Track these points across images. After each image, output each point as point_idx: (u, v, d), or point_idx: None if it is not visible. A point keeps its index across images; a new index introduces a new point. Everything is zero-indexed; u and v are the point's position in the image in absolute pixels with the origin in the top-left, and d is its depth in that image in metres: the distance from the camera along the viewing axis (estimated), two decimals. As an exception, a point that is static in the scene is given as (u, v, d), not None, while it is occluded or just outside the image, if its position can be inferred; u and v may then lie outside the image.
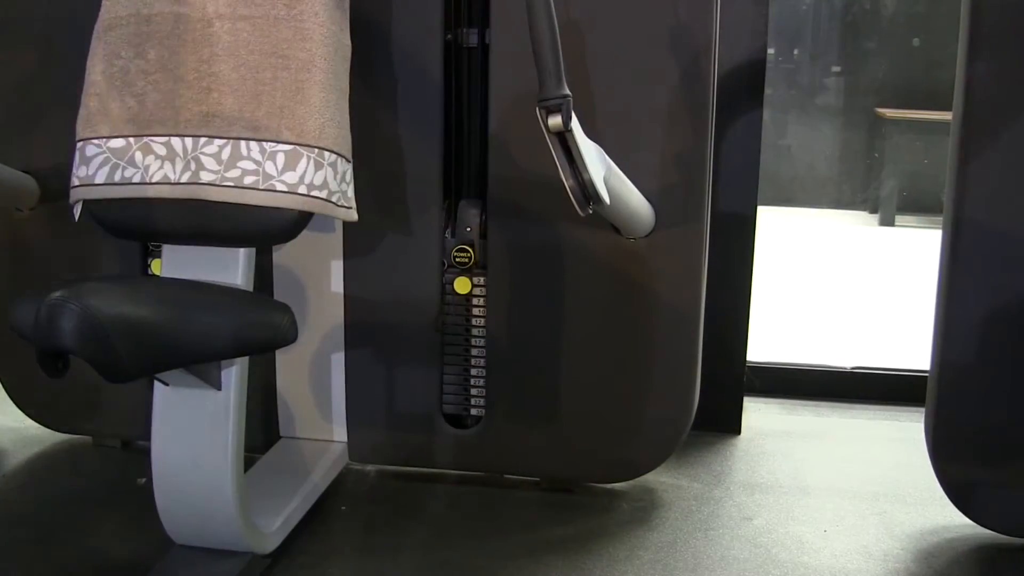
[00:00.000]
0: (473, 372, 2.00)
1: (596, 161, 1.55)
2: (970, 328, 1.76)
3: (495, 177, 1.91)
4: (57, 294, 1.35)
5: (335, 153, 1.55)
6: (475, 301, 1.97)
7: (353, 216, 1.62)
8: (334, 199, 1.56)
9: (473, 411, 2.02)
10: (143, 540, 1.76)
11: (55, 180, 1.94)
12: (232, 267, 1.61)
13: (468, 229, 1.95)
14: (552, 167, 1.52)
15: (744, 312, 2.34)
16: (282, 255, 2.02)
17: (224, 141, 1.54)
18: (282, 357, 2.06)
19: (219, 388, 1.59)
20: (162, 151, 1.56)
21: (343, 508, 1.96)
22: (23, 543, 1.79)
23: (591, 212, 1.57)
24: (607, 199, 1.56)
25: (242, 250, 1.63)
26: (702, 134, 1.86)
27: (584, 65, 1.82)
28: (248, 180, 1.53)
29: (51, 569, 1.57)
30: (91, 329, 1.34)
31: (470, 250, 1.94)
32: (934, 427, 1.83)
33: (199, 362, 1.53)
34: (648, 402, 1.96)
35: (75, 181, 1.60)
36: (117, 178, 1.57)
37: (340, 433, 2.07)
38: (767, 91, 2.31)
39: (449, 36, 1.90)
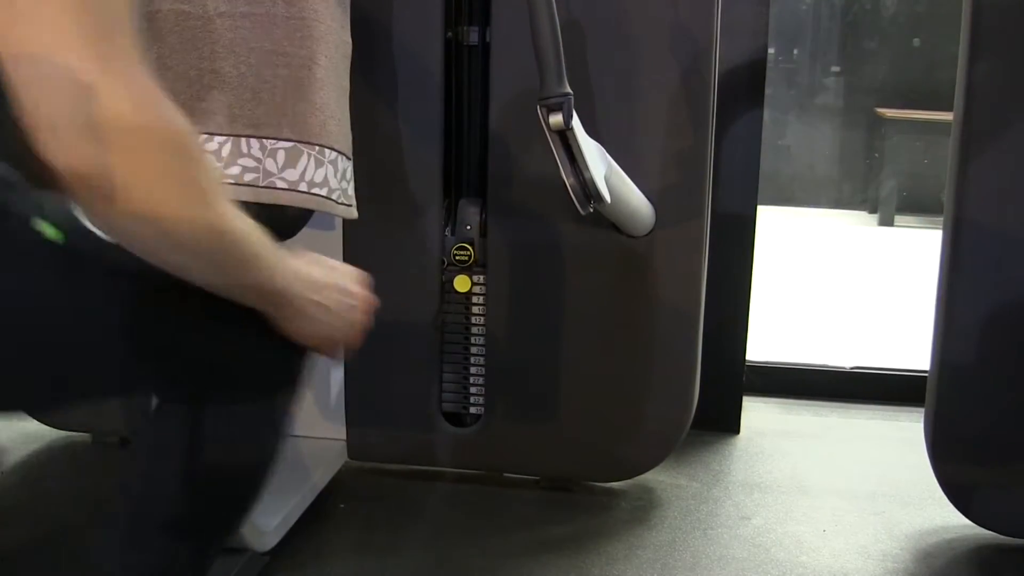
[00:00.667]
0: (472, 370, 2.00)
1: (597, 159, 1.55)
2: (970, 328, 1.76)
3: (495, 175, 1.91)
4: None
5: (336, 151, 1.55)
6: (475, 299, 1.97)
7: (353, 214, 1.62)
8: (334, 197, 1.55)
9: (472, 409, 2.02)
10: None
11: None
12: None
13: (468, 227, 1.94)
14: (553, 165, 1.52)
15: (744, 311, 2.34)
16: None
17: (224, 138, 1.54)
18: (281, 355, 2.06)
19: (218, 385, 1.58)
20: (162, 148, 1.56)
21: (342, 506, 1.96)
22: (22, 540, 1.79)
23: (592, 211, 1.57)
24: (608, 198, 1.56)
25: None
26: (703, 133, 1.86)
27: (585, 64, 1.82)
28: (248, 177, 1.53)
29: (49, 566, 1.57)
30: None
31: (470, 248, 1.94)
32: (933, 427, 1.83)
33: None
34: (647, 401, 1.96)
35: (75, 178, 1.60)
36: (117, 175, 1.57)
37: (339, 431, 2.07)
38: (767, 91, 2.31)
39: (449, 34, 1.90)
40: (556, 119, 1.45)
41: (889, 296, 3.87)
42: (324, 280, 1.09)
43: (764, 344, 2.64)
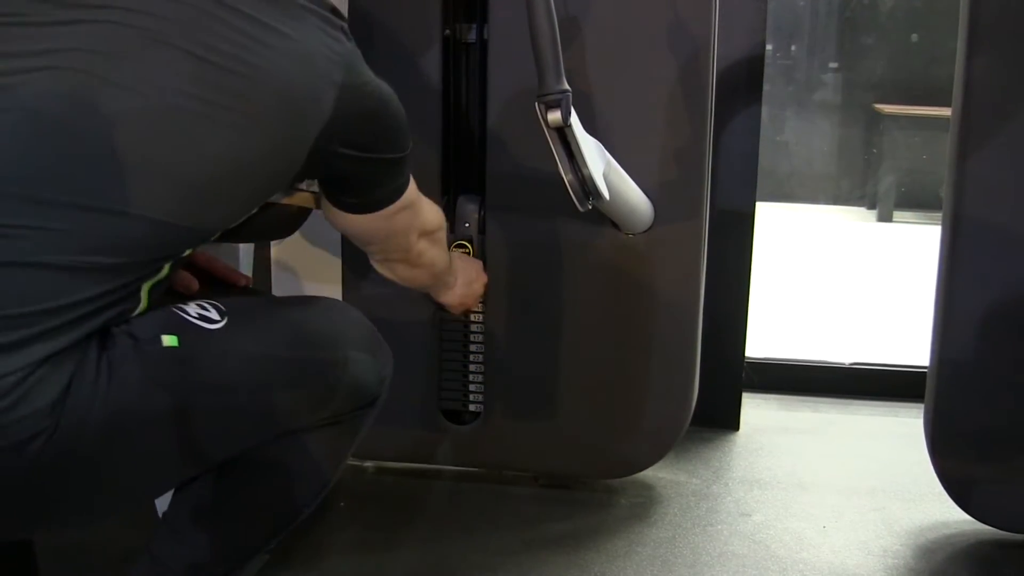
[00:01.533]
0: (471, 368, 2.00)
1: (595, 156, 1.55)
2: (969, 324, 1.76)
3: (494, 172, 1.91)
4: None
5: (334, 149, 1.55)
6: (474, 297, 1.97)
7: (352, 212, 1.62)
8: (333, 195, 1.56)
9: (471, 407, 2.02)
10: (143, 535, 1.75)
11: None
12: (231, 264, 1.60)
13: (467, 225, 1.94)
14: (551, 162, 1.52)
15: (743, 308, 2.34)
16: (281, 251, 2.01)
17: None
18: (280, 353, 2.05)
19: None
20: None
21: (341, 504, 1.96)
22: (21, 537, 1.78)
23: (590, 208, 1.56)
24: (606, 195, 1.55)
25: (241, 246, 1.63)
26: (701, 130, 1.85)
27: (583, 61, 1.81)
28: (246, 176, 1.53)
29: (50, 565, 1.56)
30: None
31: (468, 246, 1.94)
32: (933, 423, 1.83)
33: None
34: (646, 398, 1.96)
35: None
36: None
37: (338, 429, 2.06)
38: (765, 87, 2.30)
39: (448, 31, 1.90)
40: (554, 116, 1.45)
41: (888, 292, 3.87)
42: (468, 273, 1.82)
43: (763, 341, 2.63)
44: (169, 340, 1.14)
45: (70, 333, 1.05)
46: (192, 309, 1.19)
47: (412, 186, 1.47)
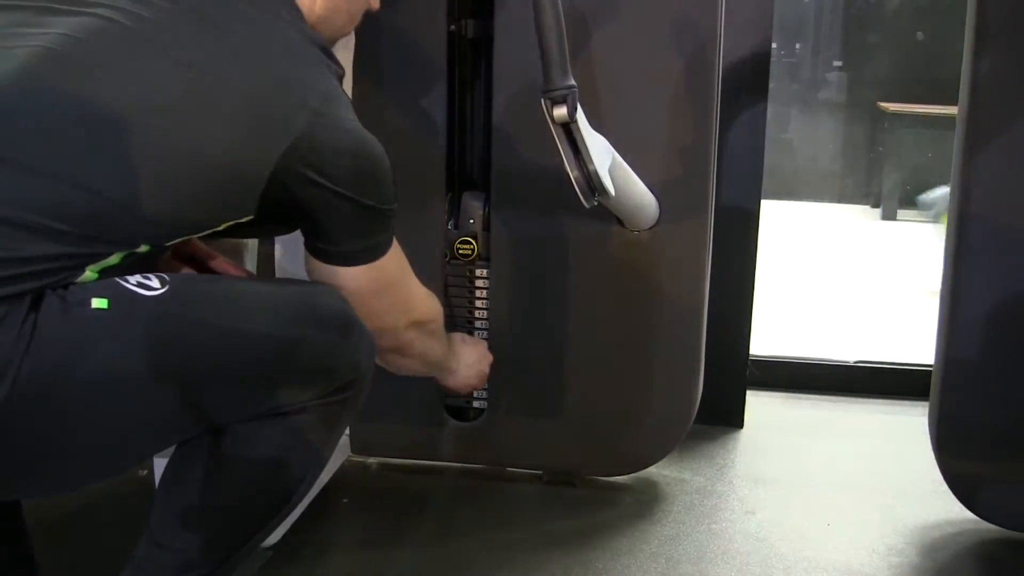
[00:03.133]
0: (476, 365, 2.00)
1: (601, 152, 1.55)
2: (975, 322, 1.76)
3: (499, 169, 1.91)
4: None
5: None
6: (478, 293, 1.97)
7: (356, 208, 1.61)
8: (338, 191, 1.56)
9: (475, 403, 2.02)
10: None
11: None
12: (235, 260, 1.60)
13: (471, 221, 1.94)
14: (556, 158, 1.51)
15: (747, 305, 2.33)
16: (285, 248, 2.01)
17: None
18: (284, 349, 2.05)
19: (221, 380, 1.58)
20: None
21: (345, 501, 1.96)
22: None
23: (595, 204, 1.56)
24: (612, 191, 1.55)
25: (246, 243, 1.63)
26: (706, 126, 1.85)
27: (589, 56, 1.81)
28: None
29: (50, 563, 1.56)
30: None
31: (473, 242, 1.94)
32: (938, 421, 1.82)
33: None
34: (651, 395, 1.96)
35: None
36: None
37: (342, 425, 2.06)
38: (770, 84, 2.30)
39: (453, 27, 1.89)
40: (560, 112, 1.45)
41: (892, 290, 3.86)
42: (470, 355, 1.83)
43: (767, 338, 2.63)
44: (98, 303, 1.11)
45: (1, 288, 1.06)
46: (134, 278, 1.16)
47: (397, 261, 1.44)
